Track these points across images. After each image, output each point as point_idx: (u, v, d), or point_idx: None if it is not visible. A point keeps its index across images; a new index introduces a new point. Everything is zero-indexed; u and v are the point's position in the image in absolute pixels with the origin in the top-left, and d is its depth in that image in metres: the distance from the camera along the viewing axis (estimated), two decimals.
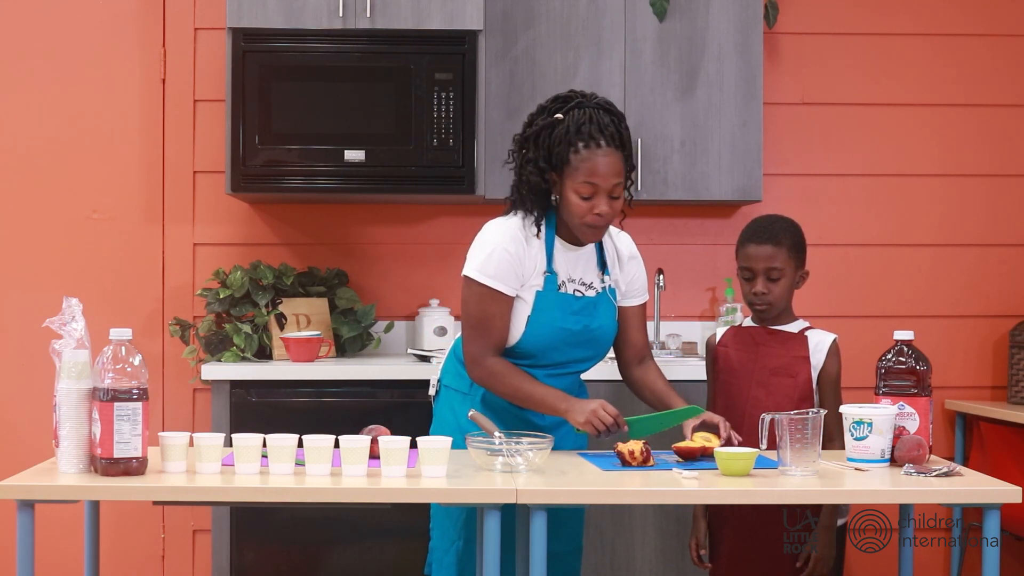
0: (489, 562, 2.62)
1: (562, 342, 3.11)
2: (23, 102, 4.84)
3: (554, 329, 3.09)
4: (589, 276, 3.18)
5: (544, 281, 3.09)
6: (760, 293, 3.28)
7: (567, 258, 3.15)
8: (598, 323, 3.16)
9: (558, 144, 3.03)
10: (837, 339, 3.31)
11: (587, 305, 3.14)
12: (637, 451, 2.89)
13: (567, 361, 3.15)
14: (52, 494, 2.59)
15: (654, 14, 4.60)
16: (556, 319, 3.09)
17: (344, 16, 4.43)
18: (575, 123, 3.02)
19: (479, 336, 3.07)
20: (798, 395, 3.25)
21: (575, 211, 3.04)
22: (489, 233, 3.13)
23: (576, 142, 3.01)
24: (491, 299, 3.06)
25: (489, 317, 3.06)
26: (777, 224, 3.33)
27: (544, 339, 3.09)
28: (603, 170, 3.01)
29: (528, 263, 3.08)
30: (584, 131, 3.01)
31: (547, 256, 3.11)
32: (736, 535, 3.31)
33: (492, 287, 3.06)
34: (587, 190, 3.02)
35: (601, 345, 3.20)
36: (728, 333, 3.42)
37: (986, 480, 2.79)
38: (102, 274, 4.83)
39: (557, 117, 3.05)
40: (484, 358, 3.07)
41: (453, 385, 3.21)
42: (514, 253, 3.07)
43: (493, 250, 3.07)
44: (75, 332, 2.67)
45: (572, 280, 3.15)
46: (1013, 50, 5.01)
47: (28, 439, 4.62)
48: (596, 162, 3.01)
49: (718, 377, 3.39)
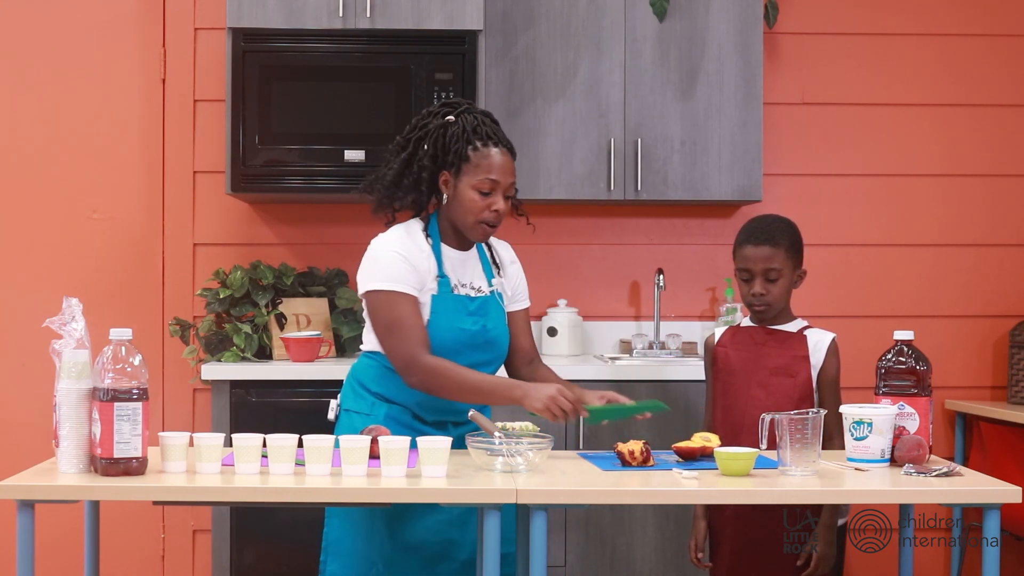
0: (489, 562, 2.62)
1: (463, 344, 3.10)
2: (23, 102, 4.84)
3: (454, 331, 3.09)
4: (477, 280, 3.19)
5: (438, 285, 3.10)
6: (759, 294, 3.28)
7: (454, 262, 3.16)
8: (493, 323, 3.17)
9: (455, 142, 3.07)
10: (836, 338, 3.31)
11: (482, 305, 3.15)
12: (637, 451, 2.89)
13: (468, 365, 3.09)
14: (52, 494, 2.59)
15: (654, 14, 4.60)
16: (455, 320, 3.09)
17: (344, 16, 4.43)
18: (470, 124, 3.09)
19: (401, 339, 3.02)
20: (798, 395, 3.25)
21: (471, 208, 3.08)
22: (375, 247, 3.14)
23: (474, 140, 3.07)
24: (397, 300, 3.05)
25: (401, 317, 3.03)
26: (774, 224, 3.33)
27: (446, 342, 3.08)
28: (502, 167, 3.08)
29: (423, 268, 3.09)
30: (480, 131, 3.08)
31: (437, 260, 3.12)
32: (736, 535, 3.31)
33: (395, 290, 3.05)
34: (487, 186, 3.07)
35: (498, 348, 3.19)
36: (727, 333, 3.42)
37: (986, 480, 2.79)
38: (102, 274, 4.83)
39: (449, 119, 3.10)
40: (418, 358, 3.00)
41: (354, 407, 3.18)
42: (406, 257, 3.08)
43: (384, 257, 3.09)
44: (75, 332, 2.67)
45: (463, 284, 3.16)
46: (1013, 50, 5.01)
47: (28, 439, 4.62)
48: (496, 159, 3.08)
49: (717, 377, 3.39)
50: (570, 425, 4.30)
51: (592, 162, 4.61)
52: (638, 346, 4.81)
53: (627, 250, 4.96)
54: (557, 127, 4.60)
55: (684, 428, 4.18)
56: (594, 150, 4.61)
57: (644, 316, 4.95)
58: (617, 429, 4.28)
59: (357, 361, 3.26)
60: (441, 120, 3.11)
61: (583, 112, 4.61)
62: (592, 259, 4.97)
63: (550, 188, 4.61)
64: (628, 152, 4.60)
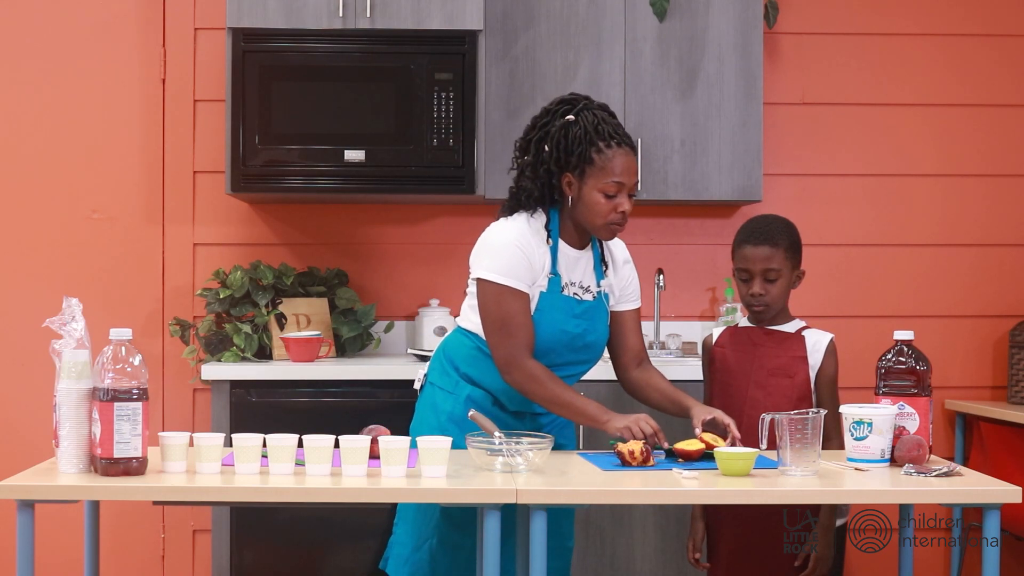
0: (489, 562, 2.62)
1: (562, 345, 3.12)
2: (23, 102, 4.84)
3: (556, 331, 3.10)
4: (587, 280, 3.19)
5: (548, 283, 3.10)
6: (758, 294, 3.27)
7: (569, 260, 3.16)
8: (595, 328, 3.17)
9: (578, 145, 3.04)
10: (834, 338, 3.31)
11: (588, 309, 3.15)
12: (637, 451, 2.89)
13: (563, 364, 3.15)
14: (52, 494, 2.59)
15: (654, 14, 4.60)
16: (558, 321, 3.10)
17: (344, 16, 4.43)
18: (591, 124, 3.05)
19: (507, 337, 3.04)
20: (796, 395, 3.25)
21: (598, 211, 3.06)
22: (496, 233, 3.12)
23: (597, 141, 3.04)
24: (510, 297, 3.05)
25: (511, 315, 3.04)
26: (773, 225, 3.32)
27: (545, 340, 3.09)
28: (627, 168, 3.06)
29: (537, 261, 3.08)
30: (603, 131, 3.04)
31: (552, 257, 3.11)
32: (735, 535, 3.31)
33: (508, 285, 3.05)
34: (613, 188, 3.04)
35: (595, 351, 3.21)
36: (725, 333, 3.42)
37: (986, 480, 2.79)
38: (102, 274, 4.83)
39: (569, 119, 3.06)
40: (521, 360, 3.03)
41: (438, 383, 3.20)
42: (525, 250, 3.07)
43: (503, 248, 3.07)
44: (75, 332, 2.67)
45: (572, 284, 3.15)
46: (1013, 50, 5.01)
47: (28, 439, 4.63)
48: (620, 160, 3.05)
49: (715, 378, 3.39)
50: None
51: None
52: None
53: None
54: None
55: (684, 428, 4.19)
56: None
57: (644, 316, 4.90)
58: None
59: (451, 334, 3.27)
60: (562, 120, 3.08)
61: None
62: None
63: None
64: None
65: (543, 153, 3.09)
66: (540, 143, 3.11)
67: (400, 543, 3.16)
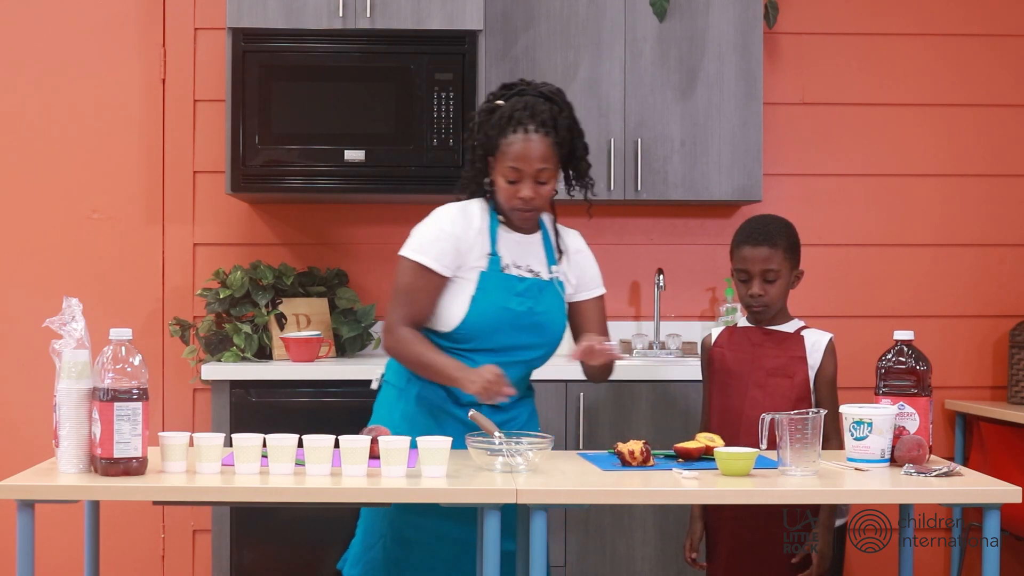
0: (489, 562, 2.62)
1: (505, 324, 3.11)
2: (23, 102, 4.84)
3: (497, 308, 3.10)
4: (537, 266, 3.20)
5: (488, 262, 3.12)
6: (756, 295, 3.27)
7: (512, 243, 3.17)
8: (543, 307, 3.16)
9: (492, 129, 3.10)
10: (833, 338, 3.31)
11: (532, 287, 3.15)
12: (637, 451, 2.89)
13: (512, 346, 3.13)
14: (52, 494, 2.59)
15: (654, 14, 4.60)
16: (499, 299, 3.10)
17: (344, 16, 4.43)
18: (510, 109, 3.10)
19: (399, 306, 3.11)
20: (795, 395, 3.25)
21: (503, 195, 3.12)
22: (430, 217, 3.17)
23: (506, 127, 3.08)
24: (420, 274, 3.09)
25: (414, 290, 3.09)
26: (772, 225, 3.32)
27: (487, 319, 3.10)
28: (526, 155, 3.07)
29: (471, 244, 3.11)
30: (516, 117, 3.08)
31: (491, 239, 3.13)
32: (733, 536, 3.31)
33: (423, 263, 3.09)
34: (512, 174, 3.08)
35: (547, 333, 3.18)
36: (723, 334, 3.41)
37: (986, 480, 2.79)
38: (102, 274, 4.83)
39: (498, 103, 3.13)
40: (397, 327, 3.10)
41: (392, 381, 3.22)
42: (453, 233, 3.10)
43: (429, 230, 3.13)
44: (75, 332, 2.67)
45: (518, 266, 3.17)
46: (1013, 50, 5.01)
47: (28, 439, 4.63)
48: (520, 146, 3.07)
49: (714, 378, 3.38)
50: (570, 425, 4.31)
51: (592, 162, 4.59)
52: (638, 346, 4.81)
53: (627, 250, 4.96)
54: None
55: (684, 428, 4.19)
56: (594, 150, 4.54)
57: (644, 316, 4.95)
58: (617, 430, 4.29)
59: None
60: (492, 104, 3.15)
61: (583, 112, 4.56)
62: None
63: None
64: (628, 152, 4.60)
65: (474, 138, 3.17)
66: (474, 128, 3.18)
67: (355, 543, 3.18)
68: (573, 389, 4.33)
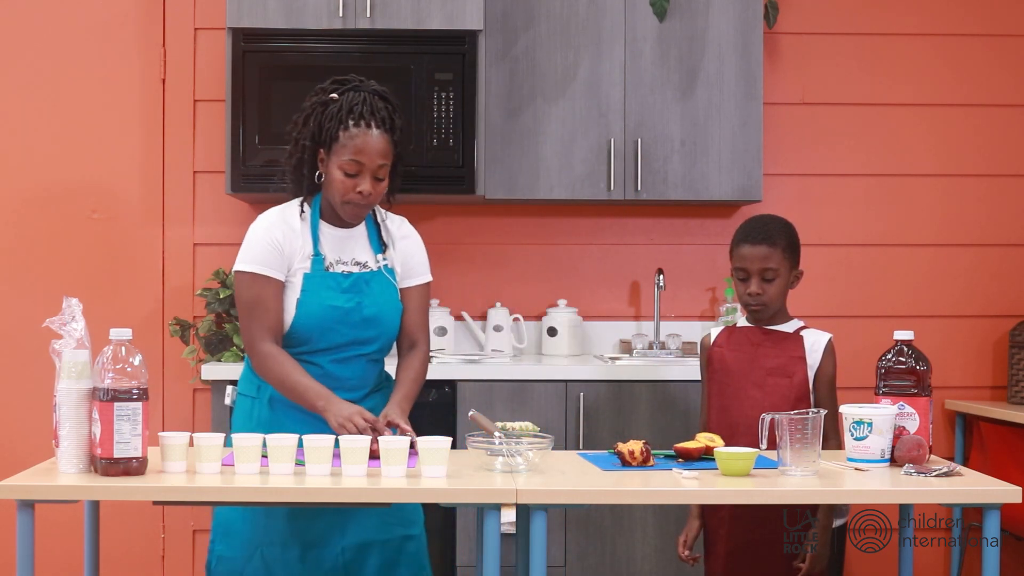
0: (489, 562, 2.62)
1: (335, 321, 3.10)
2: (23, 102, 4.84)
3: (324, 308, 3.09)
4: (363, 256, 3.18)
5: (311, 263, 3.11)
6: (755, 294, 3.27)
7: (334, 239, 3.16)
8: (372, 300, 3.14)
9: (329, 121, 3.07)
10: (832, 338, 3.31)
11: (358, 282, 3.13)
12: (637, 451, 2.89)
13: (347, 343, 3.12)
14: (52, 494, 2.59)
15: (654, 14, 4.60)
16: (325, 298, 3.09)
17: (344, 16, 4.43)
18: (348, 103, 3.08)
19: (251, 320, 3.08)
20: (794, 395, 3.25)
21: (338, 188, 3.08)
22: (254, 225, 3.15)
23: (347, 120, 3.06)
24: (258, 283, 3.08)
25: (258, 300, 3.07)
26: (771, 224, 3.33)
27: (315, 319, 3.09)
28: (370, 149, 3.06)
29: (293, 247, 3.10)
30: (356, 111, 3.07)
31: (313, 239, 3.12)
32: (731, 536, 3.31)
33: (257, 272, 3.08)
34: (352, 167, 3.06)
35: (381, 325, 3.15)
36: (723, 333, 3.42)
37: (986, 480, 2.79)
38: (102, 274, 4.83)
39: (332, 96, 3.10)
40: (257, 343, 3.07)
41: (245, 391, 3.21)
42: (274, 238, 3.09)
43: (252, 240, 3.11)
44: (75, 332, 2.67)
45: (342, 261, 3.15)
46: (1013, 50, 5.01)
47: (28, 439, 4.62)
48: (363, 140, 3.06)
49: (713, 377, 3.38)
50: (570, 425, 4.31)
51: (592, 162, 4.61)
52: (638, 346, 4.81)
53: (627, 250, 4.96)
54: (557, 127, 4.60)
55: (684, 428, 4.19)
56: (594, 150, 4.61)
57: (644, 316, 4.95)
58: (617, 430, 4.29)
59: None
60: (324, 97, 3.12)
61: (583, 112, 4.61)
62: (592, 259, 4.97)
63: (550, 188, 4.61)
64: (628, 152, 4.60)
65: (303, 127, 3.12)
66: (305, 118, 3.14)
67: (228, 558, 3.12)
68: (573, 389, 4.33)
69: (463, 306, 4.91)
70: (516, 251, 4.96)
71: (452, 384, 4.32)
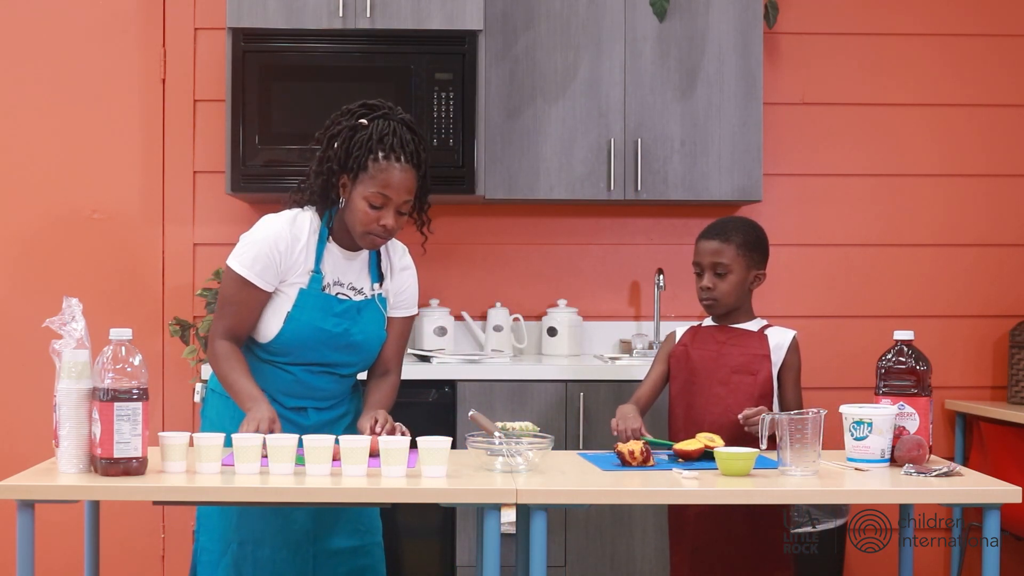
0: (489, 562, 2.62)
1: (319, 343, 3.09)
2: (23, 102, 4.84)
3: (312, 329, 3.08)
4: (360, 282, 3.17)
5: (309, 280, 3.09)
6: (706, 287, 3.32)
7: (338, 261, 3.14)
8: (360, 328, 3.13)
9: (358, 149, 3.03)
10: (797, 335, 3.34)
11: (350, 309, 3.12)
12: (637, 451, 2.89)
13: (327, 363, 3.13)
14: (52, 494, 2.59)
15: (654, 14, 4.60)
16: (315, 319, 3.08)
17: (344, 16, 4.43)
18: (378, 132, 3.03)
19: (222, 316, 3.10)
20: (759, 392, 3.28)
21: (361, 218, 3.04)
22: (258, 227, 3.13)
23: (377, 150, 3.02)
24: (245, 289, 3.07)
25: (237, 303, 3.08)
26: (731, 223, 3.39)
27: (300, 337, 3.08)
28: (398, 184, 3.02)
29: (295, 260, 3.08)
30: (386, 142, 3.02)
31: (316, 256, 3.11)
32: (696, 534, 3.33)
33: (246, 277, 3.06)
34: (378, 200, 3.03)
35: (364, 351, 3.17)
36: (688, 333, 3.45)
37: (986, 480, 2.79)
38: (102, 274, 4.83)
39: (361, 122, 3.06)
40: (215, 339, 3.09)
41: (217, 388, 3.21)
42: (278, 250, 3.06)
43: (256, 243, 3.08)
44: (75, 332, 2.67)
45: (340, 283, 3.14)
46: (1013, 50, 5.01)
47: (28, 439, 4.63)
48: (393, 175, 3.02)
49: (677, 376, 3.41)
50: (570, 425, 4.31)
51: (592, 162, 4.61)
52: (638, 346, 4.81)
53: (627, 250, 4.96)
54: (557, 127, 4.60)
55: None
56: (594, 150, 4.61)
57: (644, 316, 4.95)
58: None
59: None
60: (354, 122, 3.08)
61: (583, 112, 4.61)
62: (592, 259, 4.97)
63: (550, 188, 4.61)
64: (628, 152, 4.60)
65: (330, 149, 3.09)
66: (332, 139, 3.10)
67: (207, 550, 3.14)
68: (573, 389, 4.33)
69: (463, 306, 4.91)
70: (516, 251, 4.96)
71: (452, 384, 4.32)
